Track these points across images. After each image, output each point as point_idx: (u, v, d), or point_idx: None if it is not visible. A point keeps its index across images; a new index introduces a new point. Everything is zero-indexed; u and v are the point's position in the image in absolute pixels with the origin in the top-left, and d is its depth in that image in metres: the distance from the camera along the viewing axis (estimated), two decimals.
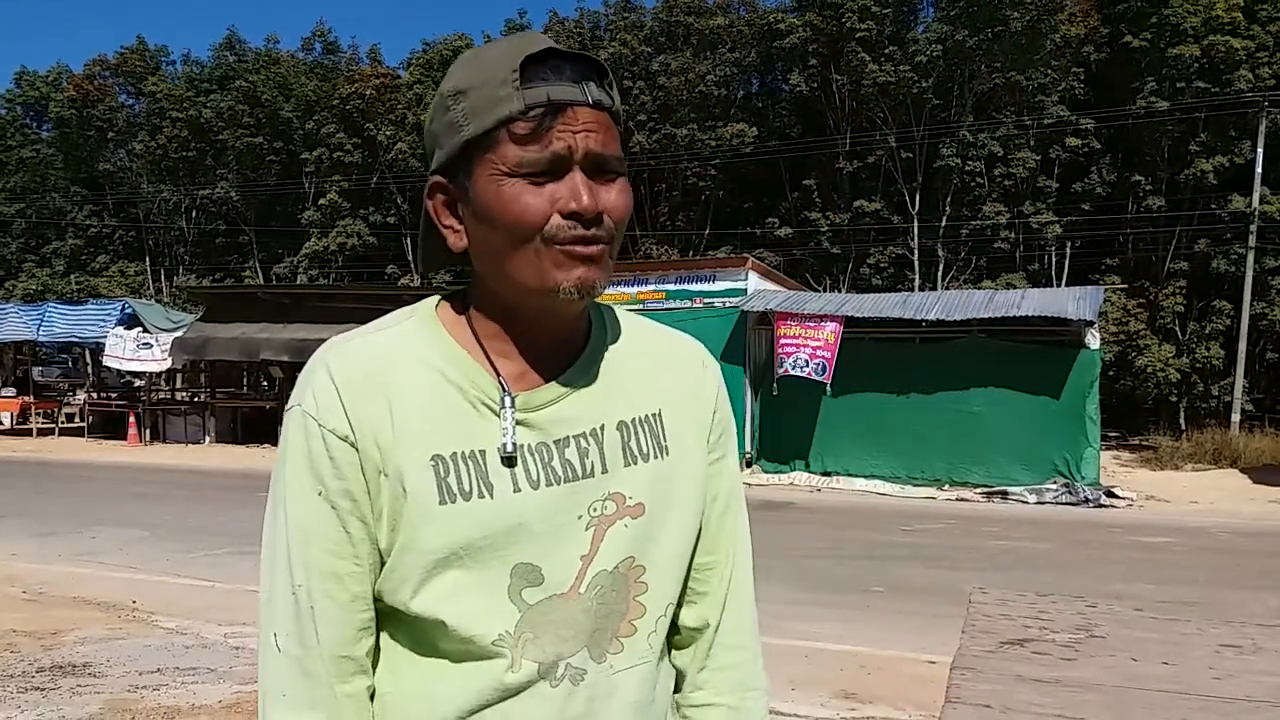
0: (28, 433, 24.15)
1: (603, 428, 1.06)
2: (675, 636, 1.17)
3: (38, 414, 25.02)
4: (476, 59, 1.00)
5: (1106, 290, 22.90)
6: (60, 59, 71.83)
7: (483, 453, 1.01)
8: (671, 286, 17.78)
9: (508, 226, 0.97)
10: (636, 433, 1.08)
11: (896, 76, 33.85)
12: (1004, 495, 14.06)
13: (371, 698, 1.05)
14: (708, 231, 38.58)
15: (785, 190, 37.06)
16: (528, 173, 0.96)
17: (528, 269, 0.98)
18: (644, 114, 37.93)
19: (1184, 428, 27.50)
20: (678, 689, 1.19)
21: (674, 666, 1.18)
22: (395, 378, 1.01)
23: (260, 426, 22.34)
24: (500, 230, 0.98)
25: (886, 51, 34.54)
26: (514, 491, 1.00)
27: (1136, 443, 24.43)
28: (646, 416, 1.09)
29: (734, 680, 1.19)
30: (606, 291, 1.08)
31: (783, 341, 15.30)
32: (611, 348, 1.10)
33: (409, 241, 41.58)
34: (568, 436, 1.04)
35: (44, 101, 47.87)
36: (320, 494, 1.00)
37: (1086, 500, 13.58)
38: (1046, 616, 6.07)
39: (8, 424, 25.69)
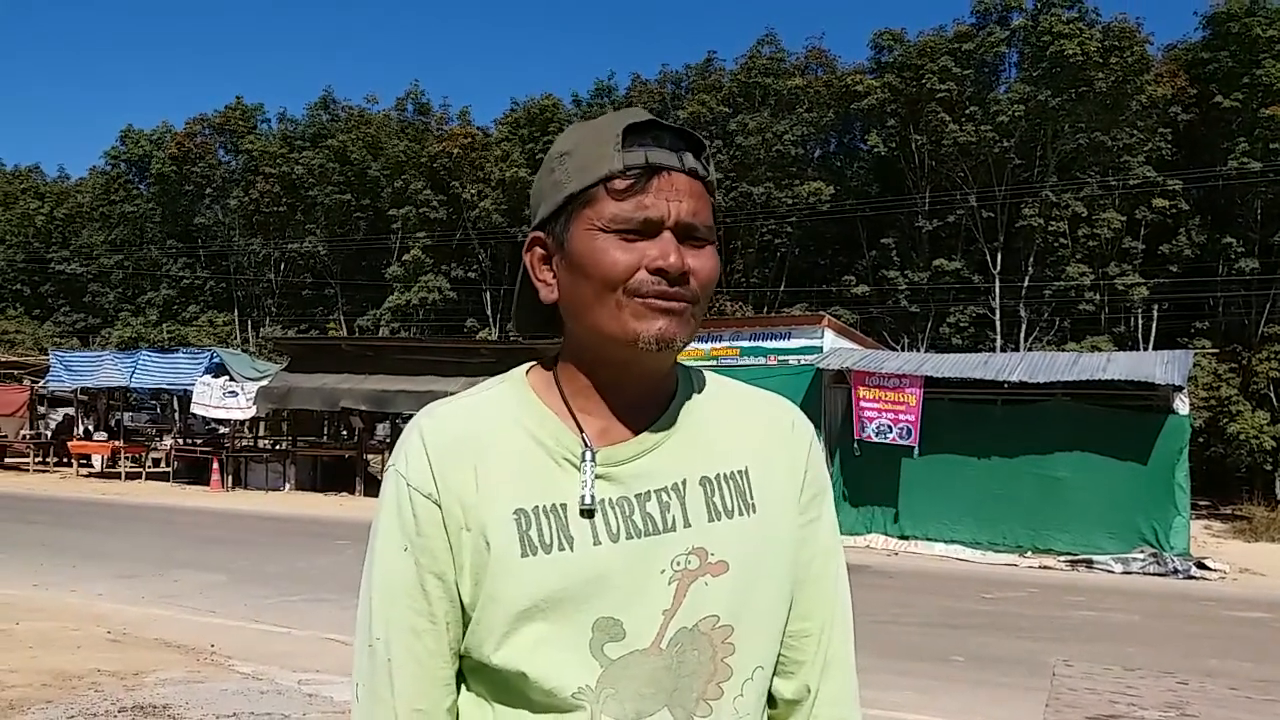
0: (117, 476, 24.90)
1: (684, 482, 1.06)
2: (773, 710, 1.14)
3: (127, 458, 25.78)
4: (584, 126, 1.07)
5: (1196, 354, 22.21)
6: (165, 117, 75.31)
7: (564, 506, 1.03)
8: (746, 343, 17.73)
9: (597, 277, 1.01)
10: (721, 489, 1.08)
11: (977, 136, 33.63)
12: (1089, 564, 13.59)
13: None
14: (783, 288, 38.52)
15: (862, 248, 36.88)
16: (620, 229, 1.01)
17: (610, 320, 1.02)
18: (720, 172, 38.18)
19: None
20: None
21: None
22: (484, 439, 1.06)
23: (339, 475, 22.72)
24: (589, 280, 1.02)
25: (967, 112, 34.37)
26: (594, 544, 1.02)
27: (1229, 512, 23.44)
28: (732, 473, 1.09)
29: None
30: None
31: (863, 404, 15.10)
32: (698, 406, 1.12)
33: (489, 296, 42.28)
34: (649, 490, 1.05)
35: (147, 159, 50.02)
36: (406, 549, 1.05)
37: (1176, 571, 13.06)
38: (1135, 692, 5.84)
39: (98, 467, 26.53)
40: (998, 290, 34.11)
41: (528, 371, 1.13)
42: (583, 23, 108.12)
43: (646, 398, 1.09)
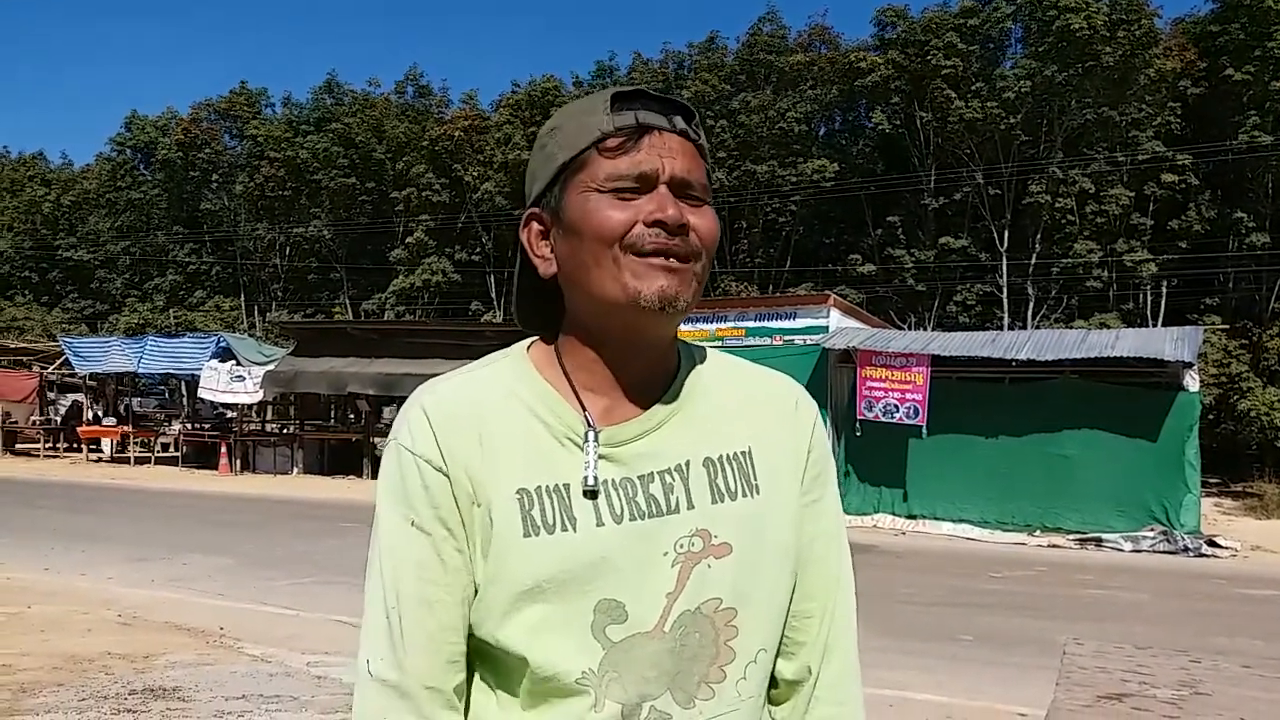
0: (126, 461, 24.99)
1: (688, 464, 1.05)
2: (774, 690, 1.13)
3: (135, 443, 25.86)
4: (573, 103, 1.07)
5: (1206, 331, 22.11)
6: (170, 103, 75.22)
7: (566, 486, 1.02)
8: (751, 324, 17.68)
9: (593, 234, 1.00)
10: (724, 470, 1.06)
11: (984, 113, 33.40)
12: (1098, 542, 13.57)
13: None
14: (788, 268, 38.39)
15: (868, 226, 36.71)
16: (615, 187, 1.00)
17: (610, 281, 1.00)
18: (724, 151, 38.04)
19: None
20: None
21: None
22: (486, 415, 1.04)
23: (346, 458, 22.76)
24: (586, 241, 1.01)
25: (973, 88, 34.13)
26: (597, 525, 1.01)
27: (1239, 490, 23.39)
28: (735, 454, 1.08)
29: None
30: (684, 328, 1.06)
31: (868, 384, 15.04)
32: (701, 385, 1.10)
33: (493, 279, 42.25)
34: (652, 472, 1.04)
35: (152, 145, 49.97)
36: (413, 522, 1.02)
37: (1186, 549, 13.02)
38: (1146, 670, 5.81)
39: (108, 453, 26.62)
40: (1005, 268, 33.98)
41: (529, 347, 1.12)
42: (584, 2, 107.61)
43: (650, 373, 1.07)
